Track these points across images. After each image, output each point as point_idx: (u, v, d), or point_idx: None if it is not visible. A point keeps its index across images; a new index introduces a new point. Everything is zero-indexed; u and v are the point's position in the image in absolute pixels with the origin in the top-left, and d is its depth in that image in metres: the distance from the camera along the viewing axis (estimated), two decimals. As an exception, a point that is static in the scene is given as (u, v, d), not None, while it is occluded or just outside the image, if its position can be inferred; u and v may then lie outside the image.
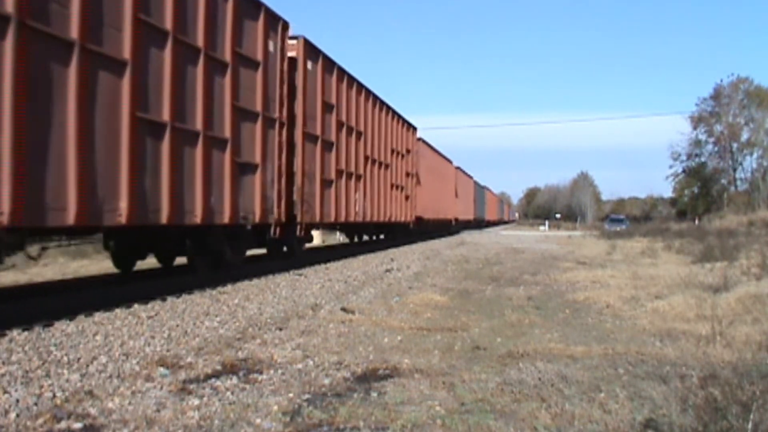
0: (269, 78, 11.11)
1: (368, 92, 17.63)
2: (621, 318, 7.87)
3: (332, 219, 14.62)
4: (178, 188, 8.33)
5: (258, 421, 3.80)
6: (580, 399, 4.28)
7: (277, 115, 11.44)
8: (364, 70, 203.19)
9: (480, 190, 55.51)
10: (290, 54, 12.25)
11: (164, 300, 8.14)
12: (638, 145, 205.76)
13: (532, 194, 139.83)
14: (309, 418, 3.88)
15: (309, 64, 13.04)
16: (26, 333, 5.87)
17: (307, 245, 15.04)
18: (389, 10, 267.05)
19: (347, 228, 19.85)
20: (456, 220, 37.81)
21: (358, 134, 16.59)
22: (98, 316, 6.90)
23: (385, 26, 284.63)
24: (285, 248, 13.36)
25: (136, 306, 7.56)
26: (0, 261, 6.50)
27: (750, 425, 3.26)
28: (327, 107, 14.13)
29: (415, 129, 24.69)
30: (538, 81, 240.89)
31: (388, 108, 20.08)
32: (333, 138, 14.48)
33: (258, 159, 10.67)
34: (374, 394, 4.39)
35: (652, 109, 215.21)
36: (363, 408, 4.06)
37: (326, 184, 14.07)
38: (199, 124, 8.80)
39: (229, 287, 9.59)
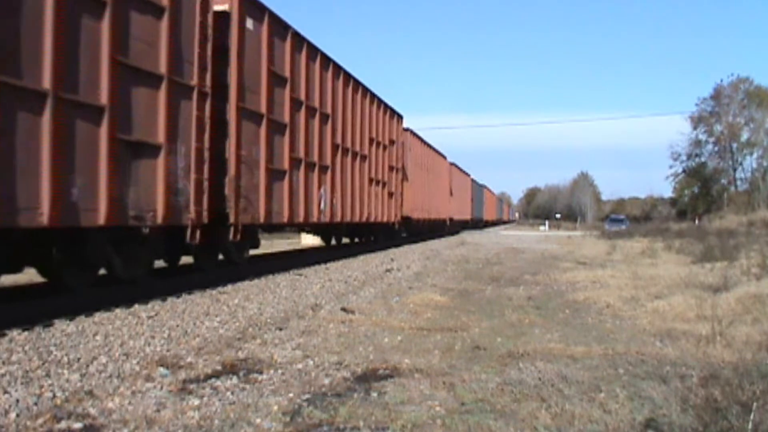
0: (182, 32, 8.49)
1: (338, 67, 14.64)
2: (621, 318, 7.87)
3: (285, 219, 11.77)
4: (5, 174, 5.87)
5: (258, 421, 3.80)
6: (580, 399, 4.28)
7: (195, 82, 8.81)
8: (364, 69, 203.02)
9: (478, 188, 54.23)
10: (220, 7, 9.73)
11: (164, 300, 8.15)
12: (638, 145, 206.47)
13: (532, 194, 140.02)
14: (309, 418, 3.88)
15: (249, 23, 10.33)
16: (26, 333, 5.87)
17: (258, 247, 12.37)
18: (389, 9, 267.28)
19: (316, 230, 16.59)
20: (451, 220, 35.64)
21: (324, 117, 13.80)
22: (98, 316, 6.91)
23: (384, 26, 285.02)
24: (221, 256, 11.01)
25: (136, 306, 7.56)
26: None
27: (750, 425, 3.26)
28: (276, 80, 11.39)
29: (400, 117, 21.44)
30: (538, 81, 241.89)
31: (366, 90, 17.03)
32: (286, 119, 11.77)
33: (161, 138, 8.11)
34: (374, 394, 4.39)
35: (652, 109, 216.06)
36: (363, 408, 4.07)
37: (276, 175, 11.36)
38: (46, 81, 6.23)
39: (229, 287, 9.60)
